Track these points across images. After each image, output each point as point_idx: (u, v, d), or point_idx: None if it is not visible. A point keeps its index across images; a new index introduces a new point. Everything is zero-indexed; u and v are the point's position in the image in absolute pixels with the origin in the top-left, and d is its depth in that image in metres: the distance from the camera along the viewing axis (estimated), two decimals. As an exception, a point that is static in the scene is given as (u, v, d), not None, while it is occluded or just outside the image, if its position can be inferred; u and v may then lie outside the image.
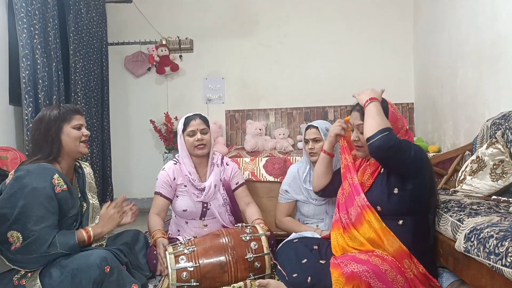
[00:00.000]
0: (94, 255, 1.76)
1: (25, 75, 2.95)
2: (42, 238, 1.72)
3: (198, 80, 4.68)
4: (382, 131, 1.71)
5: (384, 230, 1.75)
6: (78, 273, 1.70)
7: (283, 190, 2.63)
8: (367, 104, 1.86)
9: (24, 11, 2.94)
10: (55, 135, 1.91)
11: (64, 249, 1.76)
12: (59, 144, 1.92)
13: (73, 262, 1.74)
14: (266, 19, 4.59)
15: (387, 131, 1.71)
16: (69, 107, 2.00)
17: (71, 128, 1.95)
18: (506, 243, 1.24)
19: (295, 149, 4.20)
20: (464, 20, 3.10)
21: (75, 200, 1.92)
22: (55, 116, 1.92)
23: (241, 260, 2.04)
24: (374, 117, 1.78)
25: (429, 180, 1.81)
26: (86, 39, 4.03)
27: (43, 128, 1.90)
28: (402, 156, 1.72)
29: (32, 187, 1.73)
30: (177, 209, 2.50)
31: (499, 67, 2.62)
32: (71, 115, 1.96)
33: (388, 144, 1.69)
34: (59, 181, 1.80)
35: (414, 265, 1.70)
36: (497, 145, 2.16)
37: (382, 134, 1.70)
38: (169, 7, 4.67)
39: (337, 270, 1.64)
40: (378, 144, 1.70)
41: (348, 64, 4.47)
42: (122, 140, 4.72)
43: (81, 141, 1.98)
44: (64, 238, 1.78)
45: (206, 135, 2.47)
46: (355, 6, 4.46)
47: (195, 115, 2.51)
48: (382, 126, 1.73)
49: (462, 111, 3.17)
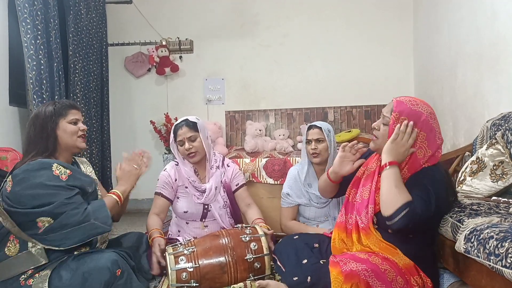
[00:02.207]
0: (105, 258, 1.74)
1: (32, 76, 2.94)
2: (73, 210, 1.72)
3: (198, 80, 4.68)
4: (401, 209, 1.56)
5: (391, 250, 1.72)
6: (89, 276, 1.69)
7: (284, 193, 2.61)
8: (386, 168, 1.67)
9: (27, 12, 2.94)
10: (51, 130, 1.88)
11: (97, 220, 1.76)
12: (55, 140, 1.89)
13: (84, 265, 1.72)
14: (266, 20, 4.60)
15: (406, 208, 1.56)
16: (64, 102, 1.98)
17: (67, 123, 1.92)
18: (506, 244, 1.23)
19: (295, 150, 4.20)
20: (463, 21, 3.10)
21: (85, 176, 1.92)
22: (51, 112, 1.90)
23: (241, 260, 2.04)
24: (391, 189, 1.62)
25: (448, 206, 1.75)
26: (86, 40, 4.02)
27: (39, 124, 1.88)
28: (426, 221, 1.60)
29: (38, 183, 1.72)
30: (177, 210, 2.49)
31: (499, 68, 2.62)
32: (66, 110, 1.94)
33: (409, 224, 1.56)
34: (59, 170, 1.78)
35: (421, 279, 1.68)
36: (497, 146, 2.16)
37: (402, 214, 1.56)
38: (169, 8, 4.68)
39: (336, 268, 1.63)
40: (398, 226, 1.58)
41: (348, 64, 4.48)
42: (122, 141, 4.71)
43: (78, 136, 1.96)
44: (96, 208, 1.80)
45: (195, 142, 2.42)
46: (355, 7, 4.47)
47: (182, 122, 2.46)
48: (400, 203, 1.57)
49: (462, 112, 3.17)
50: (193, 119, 2.46)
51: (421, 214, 1.56)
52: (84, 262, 1.74)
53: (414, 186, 1.64)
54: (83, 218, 1.74)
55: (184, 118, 2.48)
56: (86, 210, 1.76)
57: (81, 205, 1.77)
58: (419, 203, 1.58)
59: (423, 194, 1.60)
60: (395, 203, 1.59)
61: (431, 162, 1.72)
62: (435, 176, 1.67)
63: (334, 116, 4.48)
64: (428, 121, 1.70)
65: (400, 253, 1.69)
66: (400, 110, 1.70)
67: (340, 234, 1.90)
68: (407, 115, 1.69)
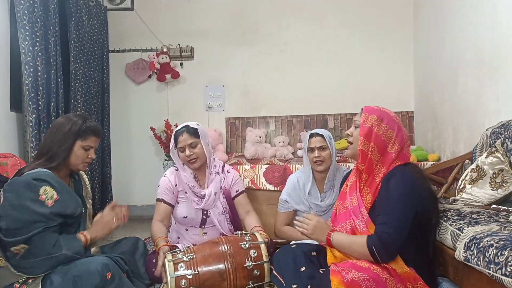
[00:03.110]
0: (96, 262, 1.75)
1: (28, 82, 2.96)
2: (45, 239, 1.71)
3: (199, 87, 4.69)
4: (371, 251, 1.67)
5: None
6: (79, 279, 1.70)
7: (282, 199, 2.61)
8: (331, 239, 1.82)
9: (26, 19, 2.96)
10: (69, 147, 1.91)
11: (68, 250, 1.75)
12: (67, 156, 1.92)
13: (74, 269, 1.73)
14: (266, 27, 4.62)
15: (371, 246, 1.66)
16: (91, 126, 1.99)
17: (81, 146, 1.94)
18: (506, 252, 1.23)
19: (295, 157, 4.20)
20: (464, 29, 3.12)
21: (73, 200, 1.90)
22: (77, 129, 1.92)
23: (240, 268, 2.03)
24: (350, 248, 1.75)
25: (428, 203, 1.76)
26: (87, 46, 4.04)
27: (62, 133, 1.90)
28: (406, 232, 1.68)
29: (21, 205, 1.71)
30: (177, 215, 2.49)
31: (499, 77, 2.63)
32: (89, 135, 1.97)
33: (392, 250, 1.67)
34: (46, 194, 1.76)
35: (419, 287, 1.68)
36: (496, 154, 2.17)
37: (375, 252, 1.66)
38: (170, 15, 4.70)
39: (337, 277, 1.62)
40: (388, 258, 1.68)
41: (348, 72, 4.50)
42: (122, 147, 4.72)
43: (84, 162, 1.98)
44: (68, 240, 1.78)
45: (195, 149, 2.42)
46: (355, 15, 4.49)
47: (183, 129, 2.45)
48: (364, 249, 1.68)
49: (462, 120, 3.18)
50: (194, 125, 2.46)
51: (392, 233, 1.65)
52: (74, 266, 1.75)
53: (382, 208, 1.73)
54: (54, 249, 1.73)
55: (185, 124, 2.47)
56: (57, 241, 1.75)
57: (53, 235, 1.75)
58: (383, 228, 1.67)
59: (388, 217, 1.68)
60: (363, 252, 1.69)
61: (402, 160, 1.80)
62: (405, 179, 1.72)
63: (334, 123, 4.48)
64: (394, 120, 1.83)
65: (400, 261, 1.69)
66: (369, 110, 1.84)
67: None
68: (374, 113, 1.82)
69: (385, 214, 1.69)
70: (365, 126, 1.80)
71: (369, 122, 1.80)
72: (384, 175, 1.78)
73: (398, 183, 1.72)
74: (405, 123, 4.39)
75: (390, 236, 1.65)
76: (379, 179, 1.78)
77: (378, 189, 1.79)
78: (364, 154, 1.81)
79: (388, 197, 1.72)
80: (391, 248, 1.66)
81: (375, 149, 1.79)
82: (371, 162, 1.80)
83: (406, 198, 1.69)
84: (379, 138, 1.78)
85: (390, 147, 1.79)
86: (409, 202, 1.69)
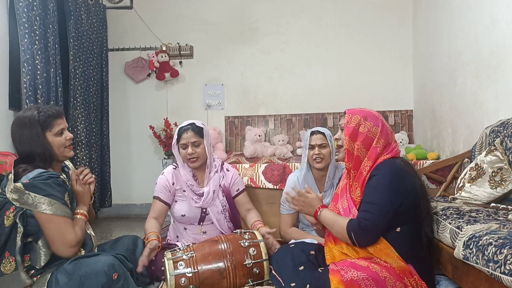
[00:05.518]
0: (102, 262, 1.74)
1: (26, 80, 2.95)
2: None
3: (198, 86, 4.69)
4: (349, 232, 1.74)
5: (385, 251, 1.74)
6: (86, 280, 1.69)
7: (284, 200, 2.59)
8: (318, 213, 1.89)
9: (25, 17, 2.96)
10: (44, 142, 1.83)
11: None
12: (50, 150, 1.84)
13: (81, 269, 1.72)
14: (266, 26, 4.62)
15: (349, 228, 1.74)
16: (48, 112, 1.87)
17: (53, 135, 1.86)
18: (505, 251, 1.24)
19: (294, 155, 4.21)
20: (463, 29, 3.12)
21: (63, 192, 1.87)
22: (38, 125, 1.82)
23: (240, 266, 2.03)
24: (333, 227, 1.82)
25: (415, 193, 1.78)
26: (86, 45, 4.04)
27: (29, 138, 1.81)
28: (386, 220, 1.74)
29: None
30: (175, 214, 2.49)
31: (498, 76, 2.63)
32: (52, 121, 1.86)
33: (368, 235, 1.74)
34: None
35: (415, 282, 1.68)
36: (496, 153, 2.17)
37: (352, 234, 1.73)
38: (169, 13, 4.70)
39: (336, 276, 1.62)
40: (364, 243, 1.75)
41: (347, 71, 4.50)
42: (122, 146, 4.72)
43: (66, 146, 1.90)
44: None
45: (198, 148, 2.40)
46: (355, 14, 4.50)
47: (188, 126, 2.43)
48: (344, 230, 1.75)
49: (461, 118, 3.18)
50: (199, 124, 2.44)
51: (370, 220, 1.71)
52: (80, 265, 1.74)
53: (365, 196, 1.81)
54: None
55: (190, 122, 2.45)
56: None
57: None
58: (363, 215, 1.74)
59: (369, 205, 1.75)
60: (343, 234, 1.76)
61: (391, 153, 1.85)
62: (390, 170, 1.78)
63: (333, 122, 4.49)
64: (377, 117, 1.89)
65: (395, 255, 1.70)
66: (352, 112, 1.91)
67: (330, 244, 1.90)
68: (358, 113, 1.89)
69: (367, 202, 1.77)
70: (350, 126, 1.86)
71: (353, 122, 1.86)
72: (371, 168, 1.82)
73: (383, 174, 1.77)
74: (404, 122, 4.40)
75: (369, 222, 1.71)
76: (366, 172, 1.83)
77: (365, 182, 1.83)
78: (350, 153, 1.86)
79: (371, 186, 1.79)
80: (368, 234, 1.73)
81: (361, 146, 1.84)
82: (358, 159, 1.85)
83: (389, 188, 1.74)
84: (365, 135, 1.84)
85: (376, 142, 1.83)
86: (392, 192, 1.74)
